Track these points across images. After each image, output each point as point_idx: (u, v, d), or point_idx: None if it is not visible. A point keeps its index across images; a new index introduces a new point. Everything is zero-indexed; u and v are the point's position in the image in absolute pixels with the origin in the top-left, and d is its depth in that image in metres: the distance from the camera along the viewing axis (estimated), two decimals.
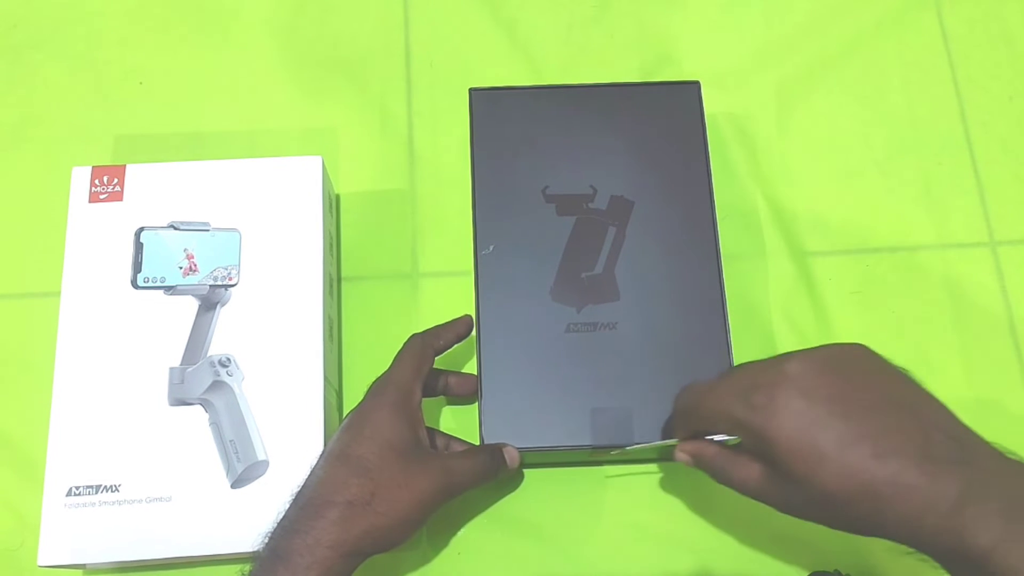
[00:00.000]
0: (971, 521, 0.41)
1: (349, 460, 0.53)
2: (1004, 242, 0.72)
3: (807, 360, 0.47)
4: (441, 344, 0.60)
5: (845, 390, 0.45)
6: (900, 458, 0.42)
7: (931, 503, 0.42)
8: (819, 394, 0.45)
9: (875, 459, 0.43)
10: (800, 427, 0.44)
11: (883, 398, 0.45)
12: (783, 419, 0.45)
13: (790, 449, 0.45)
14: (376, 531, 0.51)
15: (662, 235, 0.63)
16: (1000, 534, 0.40)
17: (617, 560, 0.63)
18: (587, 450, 0.59)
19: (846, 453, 0.43)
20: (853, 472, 0.43)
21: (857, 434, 0.43)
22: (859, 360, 0.47)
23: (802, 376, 0.46)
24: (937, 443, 0.43)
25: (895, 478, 0.42)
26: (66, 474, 0.58)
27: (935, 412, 0.45)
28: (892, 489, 0.42)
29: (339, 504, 0.51)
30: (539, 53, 0.77)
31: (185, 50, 0.76)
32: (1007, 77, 0.76)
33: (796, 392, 0.45)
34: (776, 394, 0.45)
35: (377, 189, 0.72)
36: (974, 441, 0.44)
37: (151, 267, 0.62)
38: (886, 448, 0.43)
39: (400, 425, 0.54)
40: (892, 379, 0.46)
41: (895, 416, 0.44)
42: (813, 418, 0.44)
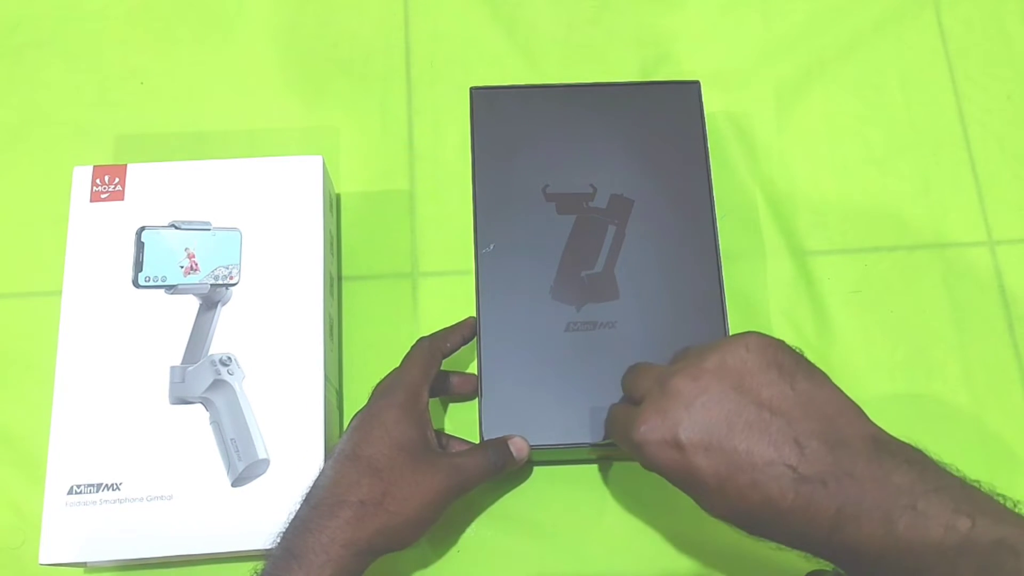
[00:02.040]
0: (851, 538, 0.42)
1: (360, 460, 0.53)
2: (1002, 241, 0.72)
3: (685, 380, 0.47)
4: (448, 347, 0.61)
5: (722, 411, 0.45)
6: (774, 484, 0.43)
7: (810, 524, 0.43)
8: (696, 421, 0.45)
9: (751, 488, 0.43)
10: (678, 462, 0.46)
11: (761, 409, 0.45)
12: (663, 456, 0.46)
13: (674, 480, 0.47)
14: (389, 530, 0.51)
15: (662, 234, 0.63)
16: (881, 546, 0.41)
17: (617, 558, 0.63)
18: (587, 448, 0.59)
19: (724, 485, 0.44)
20: (732, 502, 0.44)
21: (732, 463, 0.44)
22: (742, 362, 0.46)
23: (676, 407, 0.46)
24: (811, 455, 0.43)
25: (771, 504, 0.43)
26: (67, 472, 0.58)
27: (814, 410, 0.45)
28: (771, 513, 0.43)
29: (352, 504, 0.51)
30: (539, 52, 0.77)
31: (186, 50, 0.76)
32: (1005, 76, 0.76)
33: (670, 429, 0.46)
34: (653, 430, 0.47)
35: (377, 189, 0.72)
36: (851, 441, 0.43)
37: (152, 266, 0.62)
38: (760, 475, 0.43)
39: (408, 426, 0.55)
40: (772, 375, 0.46)
41: (769, 429, 0.44)
42: (693, 452, 0.45)
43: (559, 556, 0.63)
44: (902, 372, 0.68)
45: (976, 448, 0.66)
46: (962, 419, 0.67)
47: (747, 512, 0.44)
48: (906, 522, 0.40)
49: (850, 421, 0.45)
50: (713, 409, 0.45)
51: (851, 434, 0.44)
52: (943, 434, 0.50)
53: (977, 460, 0.49)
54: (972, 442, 0.66)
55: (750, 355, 0.46)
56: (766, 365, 0.46)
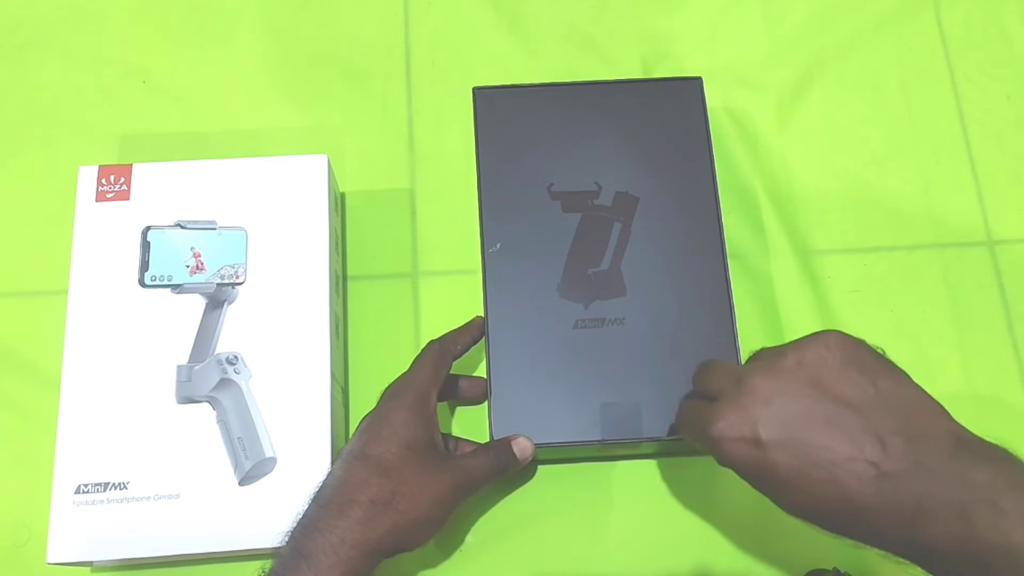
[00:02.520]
0: (928, 533, 0.41)
1: (369, 460, 0.53)
2: (1002, 241, 0.72)
3: (763, 377, 0.47)
4: (459, 349, 0.61)
5: (800, 408, 0.45)
6: (854, 480, 0.43)
7: (888, 519, 0.42)
8: (774, 418, 0.45)
9: (830, 483, 0.43)
10: (756, 459, 0.45)
11: (840, 406, 0.45)
12: (740, 453, 0.46)
13: (750, 476, 0.47)
14: (398, 530, 0.52)
15: (667, 230, 0.63)
16: (958, 543, 0.40)
17: (620, 557, 0.63)
18: (597, 445, 0.59)
19: (802, 480, 0.44)
20: (810, 497, 0.44)
21: (811, 459, 0.44)
22: (821, 360, 0.46)
23: (754, 404, 0.46)
24: (892, 450, 0.43)
25: (850, 500, 0.43)
26: (74, 472, 0.58)
27: (894, 406, 0.44)
28: (849, 510, 0.43)
29: (362, 503, 0.51)
30: (540, 51, 0.77)
31: (188, 50, 0.76)
32: (1005, 76, 0.77)
33: (750, 427, 0.46)
34: (731, 427, 0.46)
35: (380, 188, 0.73)
36: (933, 437, 0.43)
37: (158, 266, 0.62)
38: (840, 472, 0.43)
39: (417, 427, 0.55)
40: (852, 373, 0.46)
41: (848, 423, 0.44)
42: (772, 448, 0.45)
43: (563, 556, 0.63)
44: None
45: None
46: (962, 419, 0.67)
47: (825, 509, 0.44)
48: (984, 518, 0.40)
49: (932, 418, 0.44)
50: (792, 406, 0.45)
51: (932, 431, 0.43)
52: None
53: None
54: None
55: (829, 353, 0.46)
56: (846, 363, 0.46)
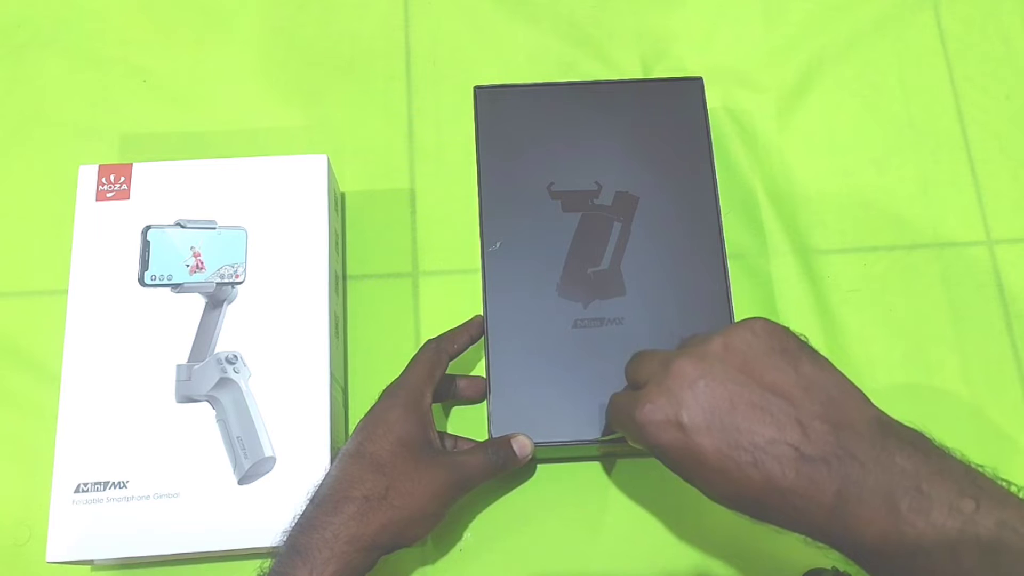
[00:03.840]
0: (852, 519, 0.42)
1: (363, 457, 0.53)
2: (1001, 240, 0.72)
3: (689, 363, 0.47)
4: (456, 348, 0.61)
5: (725, 392, 0.45)
6: (775, 463, 0.43)
7: (811, 504, 0.42)
8: (699, 401, 0.45)
9: (752, 467, 0.43)
10: (680, 442, 0.46)
11: (762, 387, 0.45)
12: (665, 436, 0.46)
13: (674, 461, 0.47)
14: (393, 525, 0.52)
15: (667, 230, 0.63)
16: (883, 528, 0.41)
17: (618, 556, 0.63)
18: (596, 444, 0.59)
19: (725, 463, 0.44)
20: (733, 481, 0.44)
21: (734, 442, 0.44)
22: (747, 346, 0.47)
23: (680, 387, 0.46)
24: (814, 435, 0.43)
25: (773, 484, 0.43)
26: (74, 471, 0.58)
27: (817, 392, 0.45)
28: (772, 494, 0.43)
29: (356, 499, 0.51)
30: (540, 51, 0.77)
31: (188, 50, 0.76)
32: (1004, 76, 0.77)
33: (674, 409, 0.46)
34: (656, 410, 0.46)
35: (380, 188, 0.73)
36: (855, 424, 0.44)
37: (158, 265, 0.62)
38: (762, 454, 0.43)
39: (411, 425, 0.55)
40: (776, 360, 0.46)
41: (772, 409, 0.44)
42: (693, 431, 0.45)
43: (562, 554, 0.63)
44: (901, 371, 0.68)
45: (975, 446, 0.65)
46: (961, 418, 0.67)
47: (748, 493, 0.44)
48: (909, 504, 0.40)
49: (855, 405, 0.45)
50: (716, 390, 0.45)
51: (856, 417, 0.44)
52: (942, 433, 0.50)
53: (976, 458, 0.49)
54: (971, 440, 0.66)
55: (755, 339, 0.47)
56: (771, 349, 0.46)
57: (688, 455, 0.46)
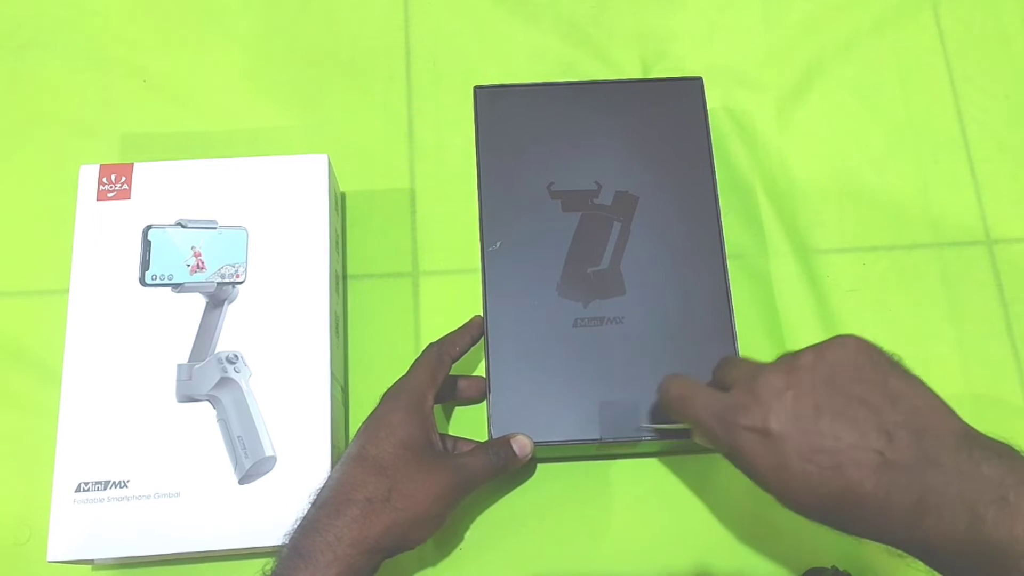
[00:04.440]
0: (933, 527, 0.41)
1: (366, 460, 0.53)
2: (1000, 240, 0.72)
3: (779, 374, 0.47)
4: (458, 351, 0.61)
5: (809, 401, 0.46)
6: (857, 468, 0.43)
7: (891, 511, 0.42)
8: (786, 411, 0.46)
9: (834, 471, 0.44)
10: (764, 449, 0.46)
11: (848, 399, 0.45)
12: (749, 442, 0.46)
13: (754, 467, 0.47)
14: (397, 527, 0.52)
15: (667, 230, 0.63)
16: (964, 538, 0.41)
17: (618, 555, 0.63)
18: (594, 444, 0.59)
19: (807, 467, 0.44)
20: (814, 486, 0.44)
21: (817, 446, 0.44)
22: (837, 359, 0.47)
23: (769, 395, 0.47)
24: (898, 443, 0.43)
25: (853, 489, 0.43)
26: (75, 470, 0.58)
27: (904, 404, 0.45)
28: (852, 499, 0.43)
29: (358, 502, 0.51)
30: (540, 51, 0.77)
31: (189, 50, 0.77)
32: (1003, 76, 0.77)
33: (761, 415, 0.46)
34: (744, 418, 0.47)
35: (381, 188, 0.73)
36: (942, 434, 0.43)
37: (159, 265, 0.62)
38: (844, 458, 0.43)
39: (413, 428, 0.55)
40: (865, 373, 0.46)
41: (857, 417, 0.44)
42: (778, 437, 0.45)
43: (561, 554, 0.63)
44: None
45: None
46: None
47: (828, 499, 0.44)
48: (994, 514, 0.40)
49: (941, 416, 0.44)
50: (803, 399, 0.45)
51: (941, 427, 0.44)
52: None
53: None
54: None
55: (845, 353, 0.47)
56: (861, 364, 0.46)
57: (771, 460, 0.46)
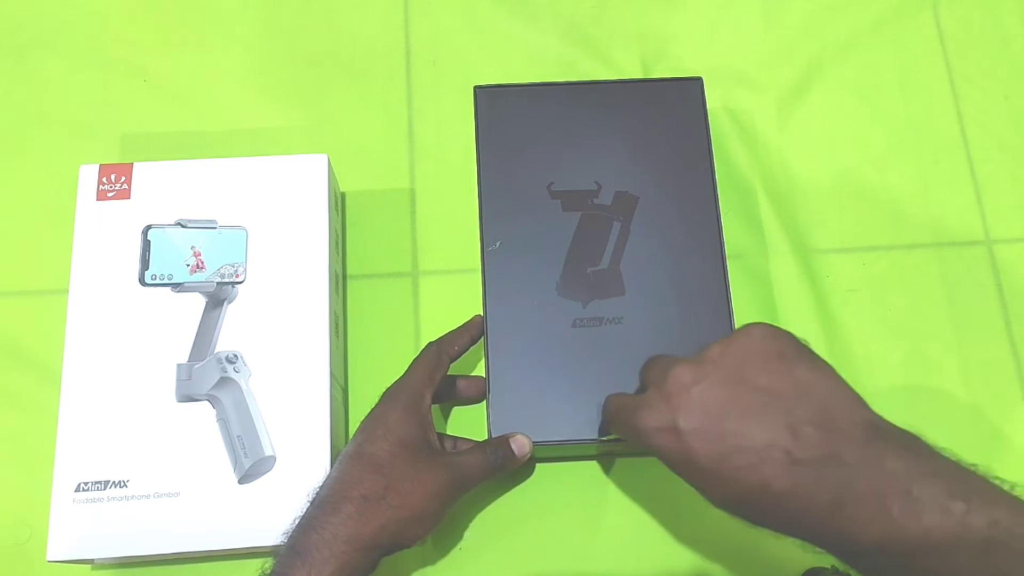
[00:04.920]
0: (847, 523, 0.42)
1: (362, 458, 0.54)
2: (1000, 240, 0.72)
3: (689, 370, 0.47)
4: (456, 350, 0.61)
5: (719, 397, 0.46)
6: (770, 466, 0.43)
7: (806, 508, 0.43)
8: (693, 407, 0.46)
9: (747, 471, 0.44)
10: (677, 447, 0.46)
11: (756, 393, 0.45)
12: (662, 441, 0.47)
13: (674, 465, 0.47)
14: (392, 525, 0.52)
15: (667, 230, 0.63)
16: (876, 532, 0.41)
17: (618, 555, 0.63)
18: (595, 444, 0.59)
19: (721, 467, 0.44)
20: (729, 484, 0.45)
21: (731, 446, 0.44)
22: (744, 351, 0.47)
23: (678, 392, 0.47)
24: (805, 440, 0.43)
25: (767, 488, 0.43)
26: (75, 470, 0.58)
27: (809, 397, 0.45)
28: (767, 498, 0.43)
29: (354, 499, 0.51)
30: (540, 50, 0.77)
31: (189, 49, 0.77)
32: (1003, 76, 0.77)
33: (670, 415, 0.46)
34: (652, 417, 0.47)
35: (381, 187, 0.73)
36: (845, 427, 0.44)
37: (158, 264, 0.63)
38: (755, 457, 0.44)
39: (411, 426, 0.55)
40: (771, 364, 0.46)
41: (765, 414, 0.44)
42: (691, 436, 0.45)
43: (561, 554, 0.63)
44: (900, 371, 0.68)
45: (973, 446, 0.66)
46: (960, 418, 0.67)
47: (744, 496, 0.44)
48: (900, 507, 0.40)
49: (848, 408, 0.45)
50: (710, 395, 0.46)
51: (847, 421, 0.44)
52: (942, 433, 0.51)
53: (975, 460, 0.49)
54: (969, 440, 0.66)
55: (752, 343, 0.47)
56: (767, 353, 0.47)
57: (685, 459, 0.46)
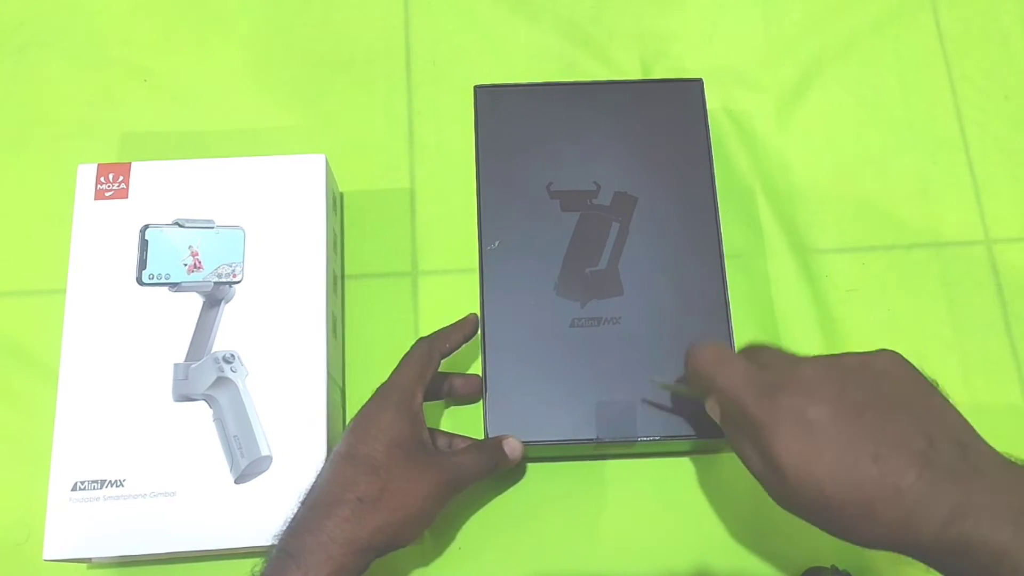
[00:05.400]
0: (972, 532, 0.41)
1: (356, 459, 0.53)
2: (999, 240, 0.72)
3: (823, 367, 0.47)
4: (448, 347, 0.60)
5: (854, 397, 0.45)
6: (898, 460, 0.42)
7: (926, 509, 0.41)
8: (825, 399, 0.45)
9: (873, 460, 0.43)
10: (798, 430, 0.45)
11: (893, 403, 0.45)
12: (783, 420, 0.45)
13: (775, 448, 0.45)
14: (388, 527, 0.51)
15: (665, 231, 0.63)
16: (1004, 545, 0.40)
17: (616, 555, 0.63)
18: (591, 444, 0.59)
19: (844, 453, 0.43)
20: (849, 470, 0.43)
21: (857, 434, 0.43)
22: (878, 370, 0.47)
23: (813, 382, 0.46)
24: (941, 449, 0.42)
25: (891, 479, 0.42)
26: (71, 469, 0.58)
27: (948, 419, 0.45)
28: (887, 491, 0.42)
29: (350, 501, 0.51)
30: (540, 50, 0.77)
31: (188, 49, 0.77)
32: (1002, 76, 0.77)
33: (803, 397, 0.45)
34: (783, 396, 0.46)
35: (380, 187, 0.73)
36: (984, 451, 0.44)
37: (156, 264, 0.62)
38: (885, 450, 0.43)
39: (403, 425, 0.55)
40: (908, 387, 0.46)
41: (902, 420, 0.44)
42: (815, 420, 0.44)
43: (559, 554, 0.63)
44: None
45: None
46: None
47: (860, 491, 0.43)
48: None
49: (980, 440, 0.44)
50: (847, 395, 0.45)
51: (982, 446, 0.44)
52: None
53: None
54: None
55: (892, 363, 0.47)
56: (906, 377, 0.47)
57: (801, 445, 0.44)
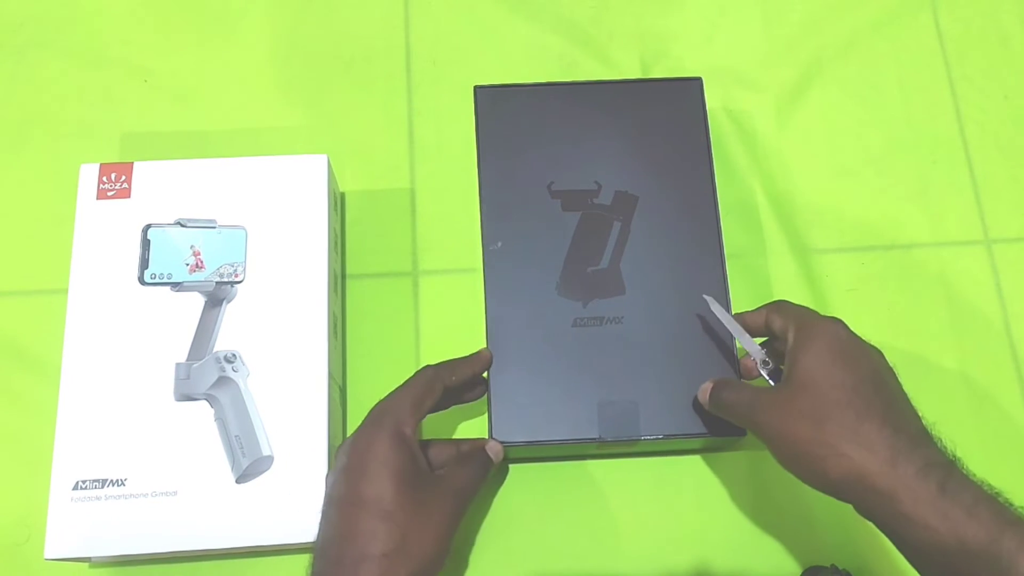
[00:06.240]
0: None
1: (367, 506, 0.51)
2: (999, 240, 0.72)
3: (840, 329, 0.54)
4: (454, 380, 0.58)
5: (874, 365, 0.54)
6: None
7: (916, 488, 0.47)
8: (839, 355, 0.52)
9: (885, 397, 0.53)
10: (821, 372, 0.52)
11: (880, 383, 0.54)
12: (813, 354, 0.52)
13: (803, 378, 0.52)
14: (418, 573, 0.50)
15: (666, 229, 0.63)
16: None
17: (616, 555, 0.63)
18: (594, 443, 0.59)
19: (853, 400, 0.51)
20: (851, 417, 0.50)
21: (851, 392, 0.51)
22: (880, 357, 0.55)
23: (836, 337, 0.53)
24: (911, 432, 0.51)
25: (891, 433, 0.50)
26: (73, 468, 0.58)
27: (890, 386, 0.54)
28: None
29: (375, 558, 0.49)
30: (540, 50, 0.77)
31: (190, 49, 0.77)
32: (1002, 76, 0.77)
33: (828, 344, 0.53)
34: (820, 335, 0.53)
35: (381, 187, 0.73)
36: None
37: (158, 264, 0.63)
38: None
39: (403, 457, 0.53)
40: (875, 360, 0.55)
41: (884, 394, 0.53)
42: (829, 366, 0.52)
43: (559, 554, 0.63)
44: (899, 370, 0.67)
45: (974, 447, 0.65)
46: (960, 417, 0.67)
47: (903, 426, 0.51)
48: None
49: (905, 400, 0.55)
50: (847, 358, 0.53)
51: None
52: (941, 432, 0.51)
53: (975, 459, 0.49)
54: (970, 440, 0.66)
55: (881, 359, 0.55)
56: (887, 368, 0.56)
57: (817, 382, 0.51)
